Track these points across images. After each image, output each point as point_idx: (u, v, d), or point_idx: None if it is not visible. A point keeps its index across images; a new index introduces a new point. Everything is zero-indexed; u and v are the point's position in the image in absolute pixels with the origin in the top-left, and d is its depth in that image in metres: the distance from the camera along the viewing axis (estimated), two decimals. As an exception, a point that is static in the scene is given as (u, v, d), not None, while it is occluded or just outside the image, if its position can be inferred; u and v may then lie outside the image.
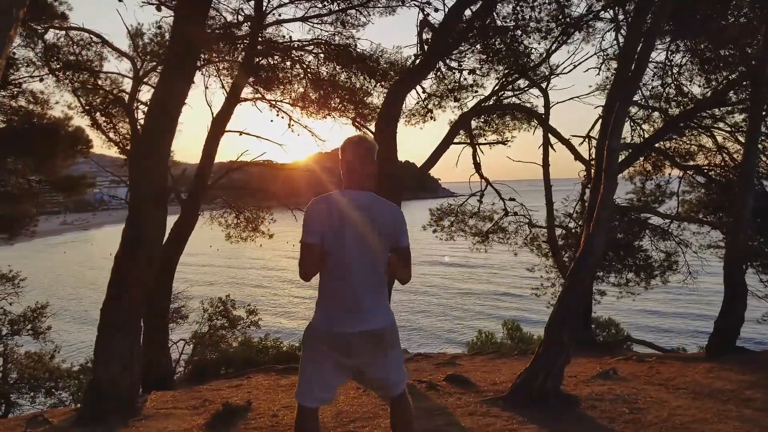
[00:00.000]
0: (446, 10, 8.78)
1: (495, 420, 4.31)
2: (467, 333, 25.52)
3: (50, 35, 10.54)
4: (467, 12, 8.94)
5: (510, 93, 10.69)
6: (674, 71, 10.71)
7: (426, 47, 9.15)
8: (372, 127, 12.97)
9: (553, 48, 10.06)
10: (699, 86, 10.60)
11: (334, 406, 4.90)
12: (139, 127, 10.39)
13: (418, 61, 9.51)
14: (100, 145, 12.17)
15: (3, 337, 13.84)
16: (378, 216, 2.76)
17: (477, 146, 10.69)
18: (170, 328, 15.54)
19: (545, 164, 9.98)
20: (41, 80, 11.04)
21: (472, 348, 16.24)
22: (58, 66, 11.06)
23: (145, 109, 11.45)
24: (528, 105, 10.76)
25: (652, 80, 11.38)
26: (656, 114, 11.17)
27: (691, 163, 11.03)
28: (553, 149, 9.72)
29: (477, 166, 10.63)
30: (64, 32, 10.48)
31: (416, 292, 38.94)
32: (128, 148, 10.98)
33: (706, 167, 10.69)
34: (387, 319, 2.84)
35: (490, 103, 10.19)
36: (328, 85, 12.27)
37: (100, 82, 11.30)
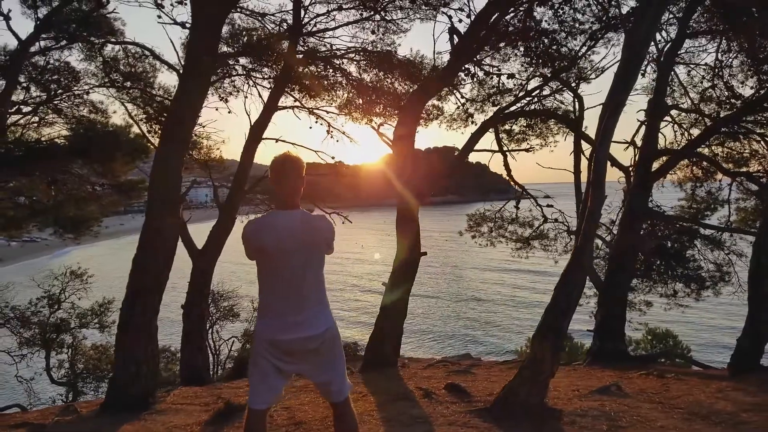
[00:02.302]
0: (472, 17, 8.72)
1: (470, 431, 4.34)
2: (517, 341, 25.06)
3: (108, 49, 11.32)
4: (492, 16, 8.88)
5: (541, 97, 10.45)
6: (724, 72, 10.19)
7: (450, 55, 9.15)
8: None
9: (588, 51, 9.74)
10: (751, 88, 10.05)
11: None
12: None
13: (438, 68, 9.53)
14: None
15: (72, 329, 14.95)
16: (310, 234, 2.97)
17: (507, 153, 10.54)
18: (221, 326, 16.29)
19: (576, 172, 9.73)
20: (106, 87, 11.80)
21: (521, 356, 16.02)
22: (117, 77, 11.90)
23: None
24: (560, 109, 10.50)
25: (702, 82, 10.89)
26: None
27: (743, 169, 10.41)
28: (585, 156, 9.47)
29: (509, 172, 10.50)
30: (119, 46, 11.23)
31: (472, 299, 38.40)
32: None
33: (759, 174, 10.06)
34: (323, 326, 3.01)
35: (514, 108, 10.01)
36: (372, 91, 12.47)
37: (153, 92, 12.02)
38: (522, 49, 10.97)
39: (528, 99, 10.20)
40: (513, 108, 9.97)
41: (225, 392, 6.77)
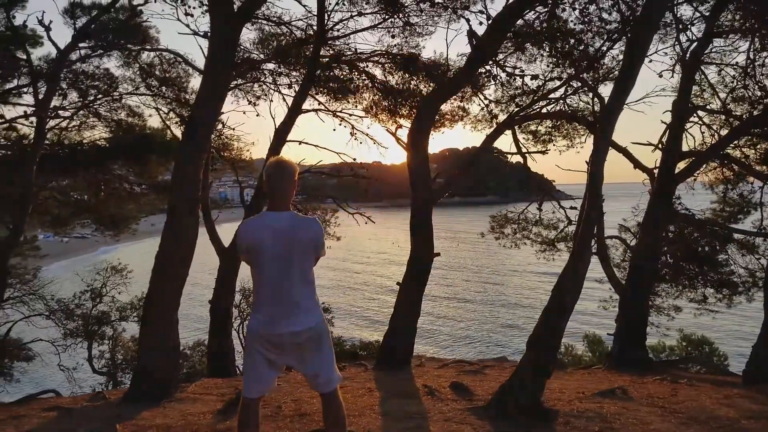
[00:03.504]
0: (489, 22, 8.77)
1: (464, 428, 4.46)
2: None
3: (144, 56, 11.86)
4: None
5: (565, 96, 10.39)
6: (757, 72, 9.92)
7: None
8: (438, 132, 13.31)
9: (608, 49, 9.65)
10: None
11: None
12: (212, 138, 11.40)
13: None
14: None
15: (112, 322, 15.63)
16: (298, 234, 3.15)
17: (526, 155, 10.53)
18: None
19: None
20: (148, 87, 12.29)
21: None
22: (153, 82, 12.45)
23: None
24: (584, 110, 10.42)
25: (733, 82, 10.63)
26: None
27: (776, 172, 10.12)
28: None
29: (529, 174, 10.50)
30: (154, 53, 11.75)
31: (510, 304, 37.89)
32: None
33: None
34: (311, 321, 3.19)
35: (531, 110, 10.00)
36: (396, 93, 12.62)
37: (187, 96, 12.50)
38: (547, 49, 10.97)
39: (547, 101, 10.14)
40: (531, 109, 9.92)
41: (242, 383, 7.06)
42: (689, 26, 9.41)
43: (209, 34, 6.44)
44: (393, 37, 11.47)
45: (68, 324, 14.51)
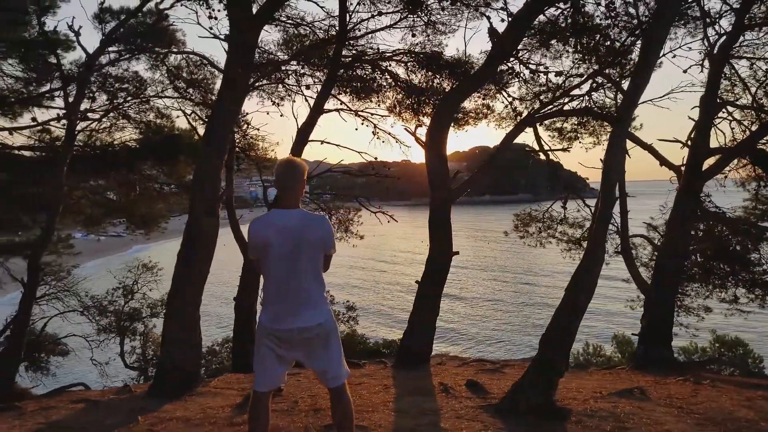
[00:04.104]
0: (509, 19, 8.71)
1: (474, 424, 4.47)
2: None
3: (171, 59, 12.13)
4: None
5: (591, 91, 10.24)
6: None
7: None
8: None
9: (632, 44, 9.48)
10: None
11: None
12: (237, 139, 11.64)
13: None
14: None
15: (143, 318, 16.04)
16: (307, 231, 3.21)
17: (548, 152, 10.42)
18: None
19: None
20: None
21: (576, 361, 15.70)
22: (180, 84, 12.72)
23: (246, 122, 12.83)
24: (610, 107, 10.25)
25: (766, 77, 10.32)
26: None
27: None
28: (628, 155, 9.16)
29: (553, 173, 10.38)
30: (181, 56, 12.01)
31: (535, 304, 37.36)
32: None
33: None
34: (319, 318, 3.25)
35: (552, 108, 9.88)
36: (420, 91, 12.62)
37: (213, 98, 12.73)
38: (573, 45, 10.84)
39: (569, 97, 10.02)
40: (553, 106, 9.81)
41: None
42: (717, 19, 9.18)
43: (228, 37, 6.58)
44: (414, 35, 11.49)
45: (101, 320, 14.96)
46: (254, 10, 6.45)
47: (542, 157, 10.37)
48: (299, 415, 5.05)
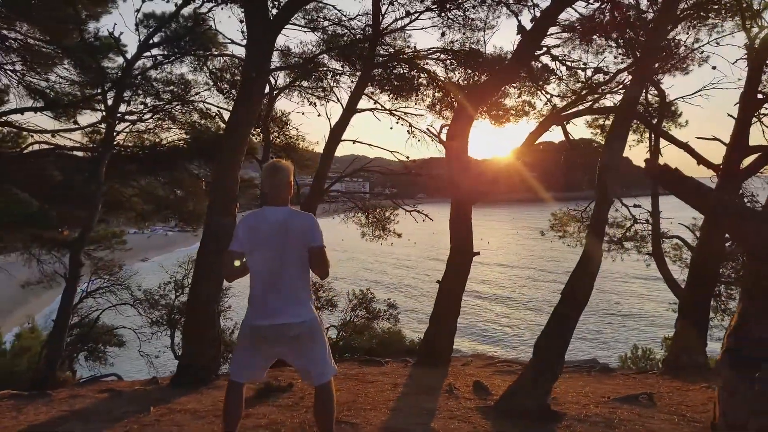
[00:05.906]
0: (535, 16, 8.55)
1: (463, 425, 4.48)
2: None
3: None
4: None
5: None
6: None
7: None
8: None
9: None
10: None
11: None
12: (271, 138, 11.94)
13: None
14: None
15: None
16: (291, 226, 3.32)
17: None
18: (318, 315, 17.28)
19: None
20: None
21: (623, 363, 15.24)
22: (224, 86, 13.17)
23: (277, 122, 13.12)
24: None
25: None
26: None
27: None
28: (661, 154, 8.77)
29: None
30: (223, 57, 12.44)
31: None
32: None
33: None
34: (302, 317, 3.32)
35: (582, 106, 9.57)
36: (459, 89, 12.53)
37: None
38: (616, 40, 10.48)
39: (598, 94, 9.69)
40: (580, 103, 9.53)
41: (279, 374, 7.35)
42: (760, 12, 8.66)
43: (245, 41, 6.79)
44: (443, 35, 11.41)
45: (153, 313, 15.65)
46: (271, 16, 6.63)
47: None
48: (300, 411, 5.17)
